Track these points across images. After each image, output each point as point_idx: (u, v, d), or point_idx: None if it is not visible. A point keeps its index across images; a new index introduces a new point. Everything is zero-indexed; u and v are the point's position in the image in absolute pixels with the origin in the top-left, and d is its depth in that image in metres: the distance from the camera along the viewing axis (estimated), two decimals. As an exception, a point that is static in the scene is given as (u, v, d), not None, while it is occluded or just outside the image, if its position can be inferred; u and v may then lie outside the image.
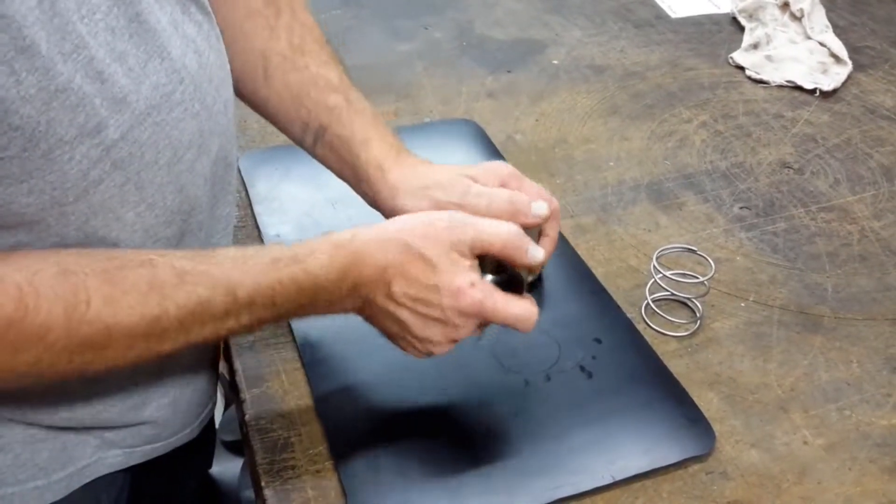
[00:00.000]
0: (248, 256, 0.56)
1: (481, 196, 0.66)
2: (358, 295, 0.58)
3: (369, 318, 0.61)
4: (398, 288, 0.57)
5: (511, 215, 0.64)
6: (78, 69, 0.47)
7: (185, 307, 0.52)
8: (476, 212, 0.63)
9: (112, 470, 0.66)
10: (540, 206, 0.66)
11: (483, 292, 0.58)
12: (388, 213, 0.69)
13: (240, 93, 0.72)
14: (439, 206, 0.66)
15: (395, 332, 0.60)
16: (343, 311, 0.60)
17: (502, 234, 0.59)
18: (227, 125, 0.62)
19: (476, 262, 0.60)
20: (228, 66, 0.63)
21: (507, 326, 0.60)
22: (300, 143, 0.73)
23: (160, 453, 0.69)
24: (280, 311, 0.56)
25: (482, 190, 0.66)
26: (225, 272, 0.54)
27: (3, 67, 0.43)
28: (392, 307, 0.58)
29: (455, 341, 0.61)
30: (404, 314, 0.58)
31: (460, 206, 0.65)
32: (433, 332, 0.59)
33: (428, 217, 0.60)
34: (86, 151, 0.48)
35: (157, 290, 0.52)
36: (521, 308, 0.59)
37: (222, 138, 0.61)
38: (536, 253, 0.60)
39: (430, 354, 0.61)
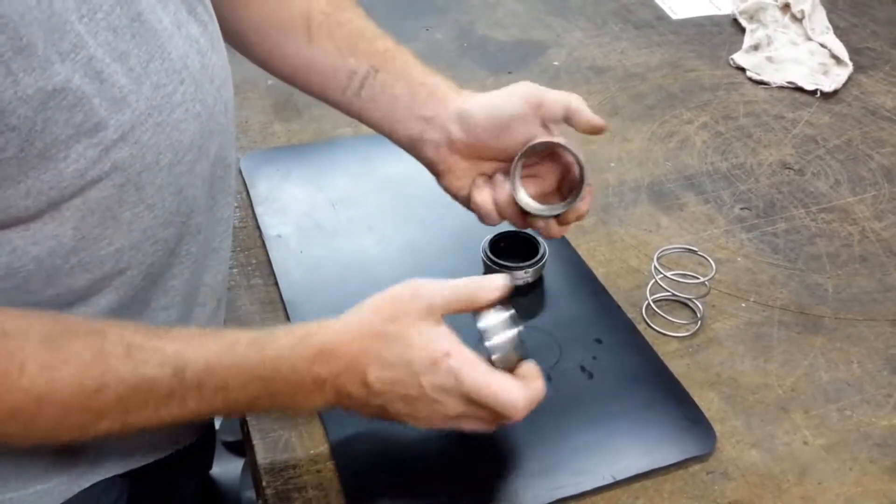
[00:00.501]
0: (204, 335, 0.53)
1: None
2: (327, 389, 0.55)
3: (350, 409, 0.57)
4: (373, 375, 0.55)
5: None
6: (76, 69, 0.46)
7: (128, 382, 0.49)
8: None
9: (112, 474, 0.66)
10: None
11: (460, 361, 0.54)
12: (452, 121, 0.67)
13: (283, 61, 0.73)
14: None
15: (382, 417, 0.58)
16: (309, 405, 0.57)
17: (466, 286, 0.57)
18: (226, 126, 0.61)
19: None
20: (229, 66, 0.63)
21: (494, 409, 0.55)
22: (341, 94, 0.71)
23: (160, 456, 0.69)
24: (232, 400, 0.53)
25: None
26: (177, 350, 0.51)
27: (0, 69, 0.43)
28: (370, 397, 0.55)
29: (454, 418, 0.57)
30: (383, 399, 0.55)
31: None
32: (419, 411, 0.56)
33: (391, 294, 0.57)
34: (83, 151, 0.48)
35: (102, 361, 0.49)
36: (509, 390, 0.55)
37: (222, 139, 0.61)
38: (492, 295, 0.57)
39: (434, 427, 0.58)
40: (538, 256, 0.79)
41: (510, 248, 0.81)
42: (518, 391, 0.55)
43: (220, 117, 0.60)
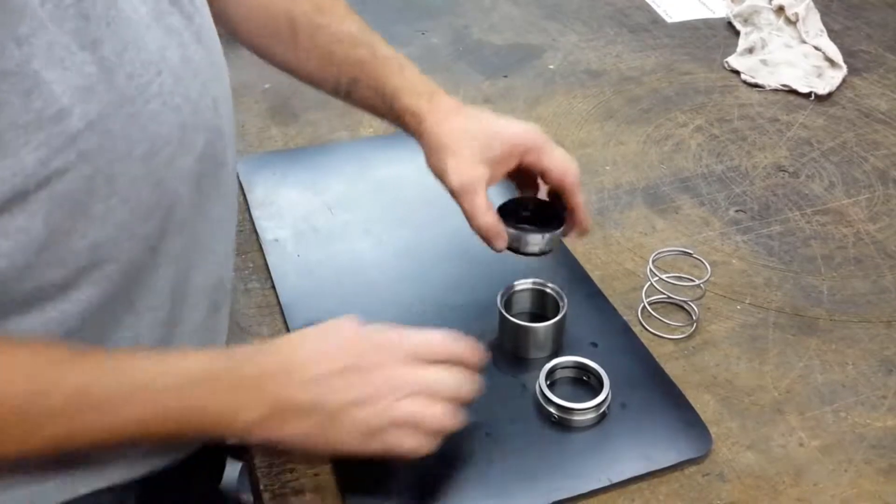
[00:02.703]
0: (148, 357, 0.56)
1: None
2: (264, 391, 0.55)
3: (287, 434, 0.56)
4: (307, 359, 0.56)
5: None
6: (34, 53, 0.46)
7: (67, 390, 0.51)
8: None
9: (115, 482, 0.65)
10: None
11: (380, 327, 0.58)
12: (433, 150, 0.69)
13: (273, 59, 0.75)
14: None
15: (328, 432, 0.56)
16: (245, 424, 0.55)
17: None
18: (216, 122, 0.60)
19: None
20: (224, 62, 0.63)
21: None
22: (333, 93, 0.74)
23: (166, 464, 0.69)
24: (160, 405, 0.54)
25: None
26: (118, 363, 0.54)
27: None
28: (315, 390, 0.55)
29: (401, 395, 0.57)
30: (321, 389, 0.55)
31: None
32: (359, 387, 0.56)
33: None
34: (45, 139, 0.47)
35: (49, 366, 0.51)
36: (446, 336, 0.60)
37: (210, 135, 0.59)
38: None
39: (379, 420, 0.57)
40: (556, 224, 0.71)
41: (529, 212, 0.73)
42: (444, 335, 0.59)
43: (207, 112, 0.58)
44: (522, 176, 0.72)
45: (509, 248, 0.69)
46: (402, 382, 0.57)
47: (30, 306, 0.53)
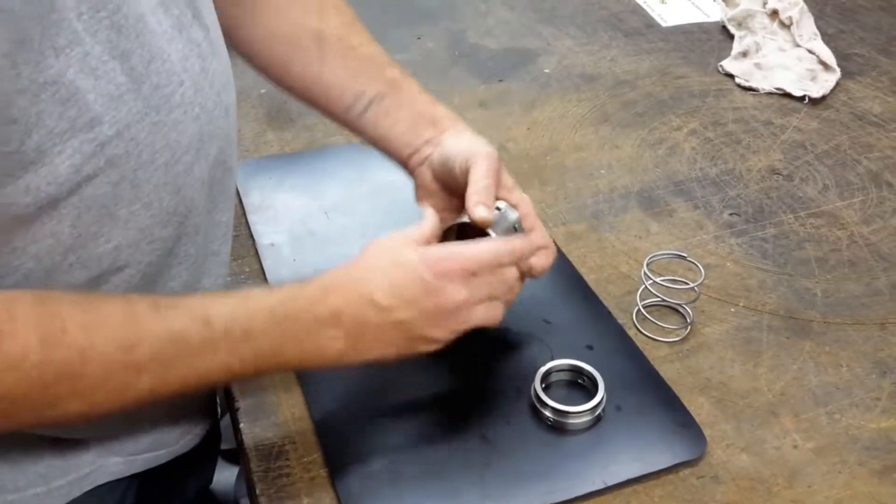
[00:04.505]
0: (221, 293, 0.57)
1: None
2: (344, 321, 0.57)
3: (360, 350, 0.58)
4: (379, 293, 0.57)
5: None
6: (70, 64, 0.47)
7: (161, 336, 0.52)
8: None
9: (113, 478, 0.66)
10: None
11: (447, 248, 0.59)
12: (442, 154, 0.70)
13: (289, 76, 0.75)
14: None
15: (403, 346, 0.59)
16: (331, 349, 0.57)
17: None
18: (227, 130, 0.62)
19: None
20: (231, 72, 0.64)
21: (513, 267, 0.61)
22: (343, 111, 0.74)
23: (162, 461, 0.69)
24: (258, 348, 0.55)
25: None
26: (200, 303, 0.54)
27: (6, 61, 0.44)
28: (384, 315, 0.57)
29: (467, 305, 0.59)
30: (397, 315, 0.57)
31: None
32: (432, 311, 0.58)
33: (368, 244, 0.61)
34: (78, 146, 0.49)
35: (133, 319, 0.51)
36: (498, 242, 0.61)
37: (222, 142, 0.61)
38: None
39: (455, 332, 0.60)
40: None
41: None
42: (507, 241, 0.61)
43: (220, 121, 0.60)
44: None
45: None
46: (465, 305, 0.59)
47: None
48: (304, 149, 1.01)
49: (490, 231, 0.63)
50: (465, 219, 0.64)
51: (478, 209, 0.62)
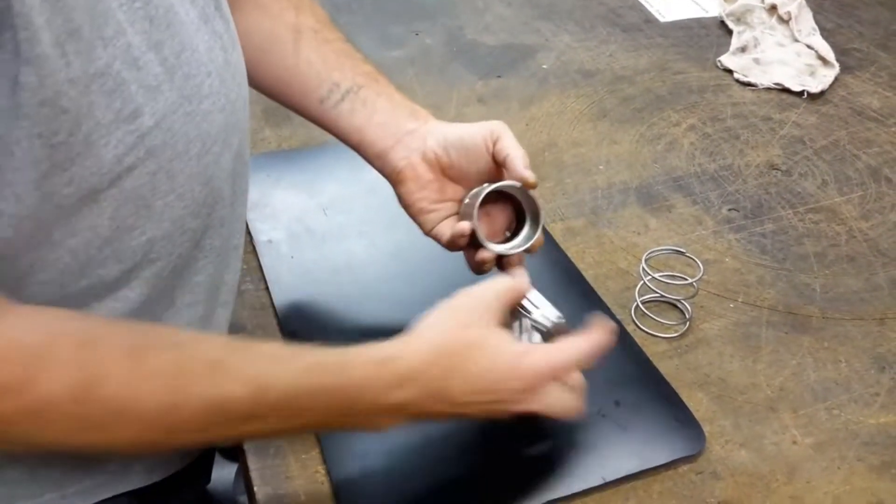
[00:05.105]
0: (284, 357, 0.53)
1: None
2: (408, 412, 0.55)
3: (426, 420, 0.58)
4: (458, 390, 0.56)
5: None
6: (116, 55, 0.47)
7: (209, 401, 0.49)
8: None
9: (133, 487, 0.65)
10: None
11: (542, 352, 0.59)
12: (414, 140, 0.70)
13: (266, 70, 0.75)
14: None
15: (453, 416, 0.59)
16: (384, 426, 0.56)
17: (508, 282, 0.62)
18: (245, 122, 0.63)
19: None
20: (245, 65, 0.64)
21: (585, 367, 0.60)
22: (318, 103, 0.73)
23: (178, 468, 0.69)
24: (309, 421, 0.54)
25: None
26: (259, 371, 0.51)
27: (57, 50, 0.44)
28: (454, 409, 0.56)
29: (538, 404, 0.58)
30: (468, 409, 0.57)
31: None
32: (501, 409, 0.57)
33: (453, 305, 0.59)
34: (121, 137, 0.49)
35: (184, 378, 0.49)
36: (588, 340, 0.60)
37: (242, 134, 0.62)
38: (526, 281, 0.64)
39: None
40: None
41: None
42: (585, 340, 0.61)
43: (241, 113, 0.61)
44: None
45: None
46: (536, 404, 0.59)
47: (80, 304, 0.54)
48: (301, 146, 1.01)
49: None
50: (487, 189, 0.66)
51: (528, 172, 0.65)
